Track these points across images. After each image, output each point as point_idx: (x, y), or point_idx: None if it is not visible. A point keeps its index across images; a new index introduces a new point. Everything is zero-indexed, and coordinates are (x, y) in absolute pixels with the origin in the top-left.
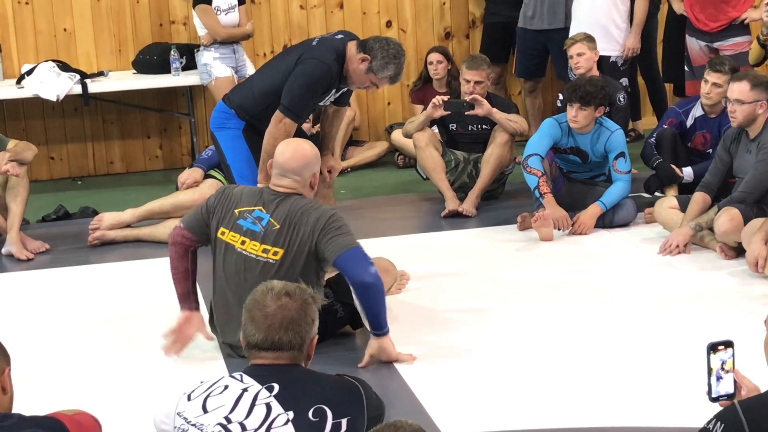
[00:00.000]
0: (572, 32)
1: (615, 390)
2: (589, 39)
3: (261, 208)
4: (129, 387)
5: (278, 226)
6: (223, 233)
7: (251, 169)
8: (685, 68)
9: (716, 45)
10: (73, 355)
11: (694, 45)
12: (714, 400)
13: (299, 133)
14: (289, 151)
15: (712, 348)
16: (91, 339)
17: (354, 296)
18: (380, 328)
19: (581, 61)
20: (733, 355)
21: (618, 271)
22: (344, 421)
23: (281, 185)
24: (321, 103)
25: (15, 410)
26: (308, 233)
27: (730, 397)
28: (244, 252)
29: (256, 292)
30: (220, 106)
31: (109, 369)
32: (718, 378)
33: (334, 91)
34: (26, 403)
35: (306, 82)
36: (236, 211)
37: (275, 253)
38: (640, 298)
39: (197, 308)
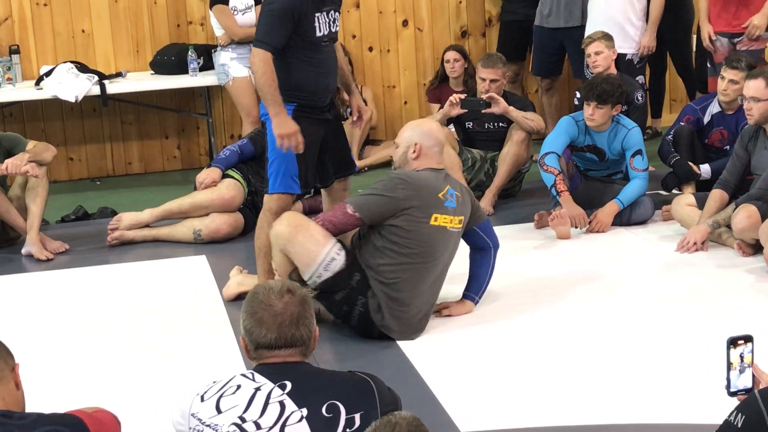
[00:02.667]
0: (588, 30)
1: (634, 386)
2: (607, 38)
3: (449, 185)
4: (147, 385)
5: (461, 195)
6: (436, 219)
7: (286, 163)
8: (708, 65)
9: (735, 41)
10: (92, 354)
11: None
12: (732, 394)
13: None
14: (436, 126)
15: (732, 342)
16: (109, 338)
17: (485, 259)
18: (479, 294)
19: (599, 60)
20: (752, 350)
21: (635, 268)
22: (357, 416)
23: (440, 160)
24: (320, 30)
25: (35, 408)
26: (470, 199)
27: (748, 391)
28: (452, 230)
29: (257, 294)
30: None
31: (127, 368)
32: (738, 372)
33: (322, 9)
34: (44, 402)
35: (268, 11)
36: (440, 195)
37: (460, 221)
38: (657, 294)
39: None
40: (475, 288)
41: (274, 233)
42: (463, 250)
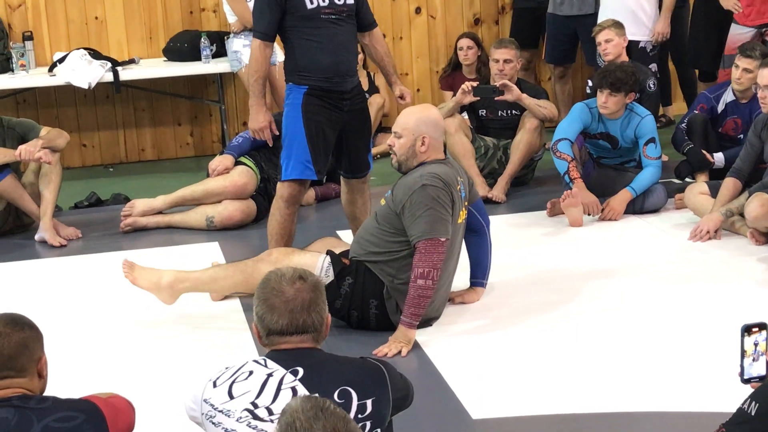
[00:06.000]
0: (601, 18)
1: (646, 374)
2: (617, 25)
3: (458, 175)
4: (160, 371)
5: (464, 179)
6: (460, 216)
7: (296, 149)
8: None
9: (764, 30)
10: (105, 340)
11: (739, 31)
12: (746, 381)
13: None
14: (439, 113)
15: (746, 330)
16: (122, 324)
17: (482, 242)
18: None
19: (609, 48)
20: (766, 338)
21: (648, 256)
22: (369, 402)
23: (443, 148)
24: (312, 2)
25: (49, 393)
26: (468, 179)
27: (761, 379)
28: (461, 222)
29: (269, 280)
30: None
31: (140, 354)
32: (751, 360)
33: None
34: (59, 387)
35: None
36: (458, 188)
37: (466, 208)
38: (670, 283)
39: None
40: (480, 273)
41: (263, 274)
42: None
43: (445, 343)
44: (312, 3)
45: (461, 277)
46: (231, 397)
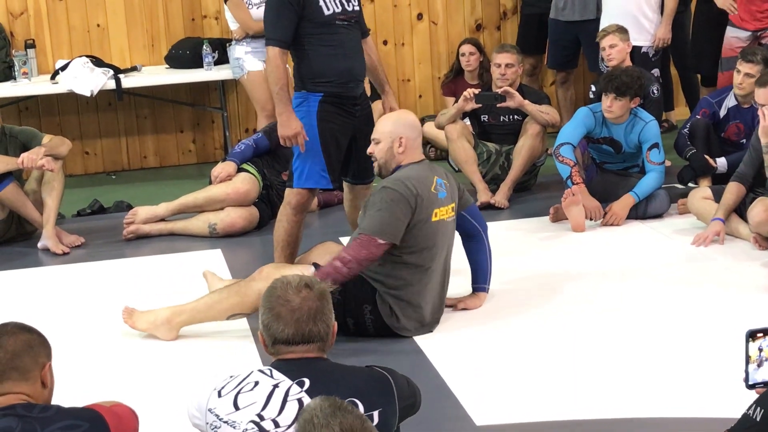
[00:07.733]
0: (603, 23)
1: (650, 380)
2: (622, 30)
3: (435, 175)
4: (163, 379)
5: (447, 182)
6: (436, 214)
7: (311, 158)
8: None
9: (759, 34)
10: (107, 348)
11: (735, 35)
12: (751, 387)
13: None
14: (414, 117)
15: (751, 335)
16: (125, 332)
17: (480, 246)
18: (487, 281)
19: (613, 53)
20: None
21: (651, 261)
22: (376, 414)
23: (422, 151)
24: (328, 9)
25: (53, 402)
26: (455, 183)
27: (766, 384)
28: (448, 219)
29: (275, 288)
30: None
31: (143, 361)
32: (756, 365)
33: None
34: (62, 395)
35: (268, 6)
36: (432, 189)
37: (453, 209)
38: (672, 288)
39: None
40: (481, 278)
41: (257, 291)
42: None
43: (448, 349)
44: (328, 9)
45: (463, 283)
46: (236, 408)
